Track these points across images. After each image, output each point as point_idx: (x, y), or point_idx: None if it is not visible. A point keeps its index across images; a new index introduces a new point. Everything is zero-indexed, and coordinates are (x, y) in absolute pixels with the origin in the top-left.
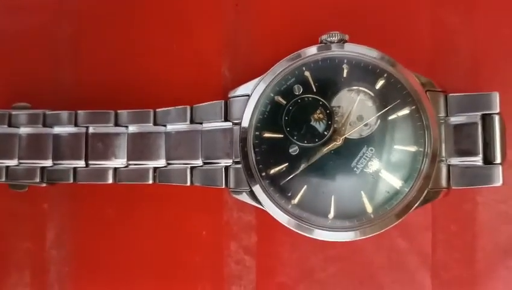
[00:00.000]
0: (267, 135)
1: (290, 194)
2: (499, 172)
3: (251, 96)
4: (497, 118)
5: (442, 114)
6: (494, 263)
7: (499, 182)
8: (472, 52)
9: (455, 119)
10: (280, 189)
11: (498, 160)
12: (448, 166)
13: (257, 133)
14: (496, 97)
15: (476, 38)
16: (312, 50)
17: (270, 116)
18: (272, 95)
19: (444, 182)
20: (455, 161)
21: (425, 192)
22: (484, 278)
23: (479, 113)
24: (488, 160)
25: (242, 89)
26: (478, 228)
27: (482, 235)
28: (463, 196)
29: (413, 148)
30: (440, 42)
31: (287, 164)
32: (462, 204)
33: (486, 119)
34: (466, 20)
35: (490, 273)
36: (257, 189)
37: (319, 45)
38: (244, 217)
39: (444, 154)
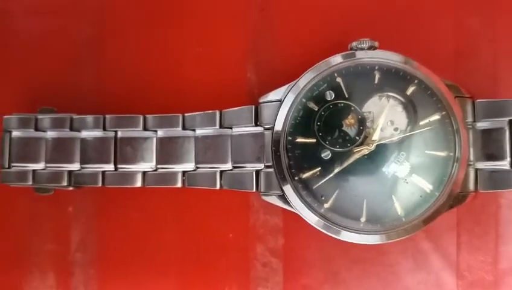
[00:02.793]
0: (299, 139)
1: (323, 198)
2: None
3: (283, 101)
4: None
5: (469, 119)
6: None
7: None
8: (494, 56)
9: (482, 125)
10: (313, 193)
11: None
12: (476, 170)
13: (290, 138)
14: None
15: (498, 42)
16: (343, 57)
17: (303, 121)
18: (304, 100)
19: (471, 186)
20: (482, 165)
21: (454, 196)
22: (507, 278)
23: (507, 119)
24: None
25: (273, 95)
26: (501, 230)
27: (505, 237)
28: (487, 199)
29: (443, 153)
30: (462, 46)
31: (319, 168)
32: (485, 206)
33: None
34: (488, 24)
35: None
36: (289, 192)
37: (349, 51)
38: (270, 219)
39: (472, 158)
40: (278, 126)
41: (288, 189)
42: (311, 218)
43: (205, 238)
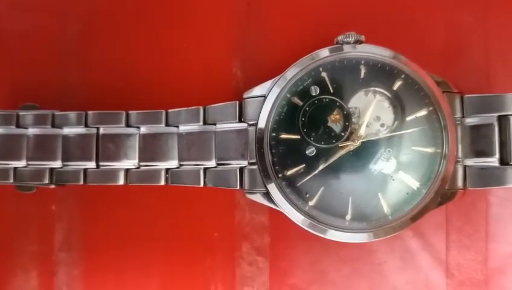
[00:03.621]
0: (283, 136)
1: (307, 195)
2: None
3: (267, 97)
4: None
5: (458, 115)
6: (507, 263)
7: None
8: (486, 52)
9: (471, 120)
10: (297, 190)
11: None
12: (465, 167)
13: (274, 134)
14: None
15: (490, 38)
16: (328, 51)
17: (287, 117)
18: (289, 96)
19: (460, 183)
20: (471, 161)
21: (442, 193)
22: (498, 278)
23: (495, 114)
24: (504, 161)
25: (257, 90)
26: (491, 228)
27: (495, 235)
28: (476, 196)
29: (431, 149)
30: (453, 42)
31: (304, 165)
32: (475, 204)
33: (502, 121)
34: (480, 20)
35: (504, 274)
36: (273, 190)
37: (335, 45)
38: (256, 218)
39: (460, 155)
40: (262, 122)
41: (272, 186)
42: (296, 217)
43: (190, 236)
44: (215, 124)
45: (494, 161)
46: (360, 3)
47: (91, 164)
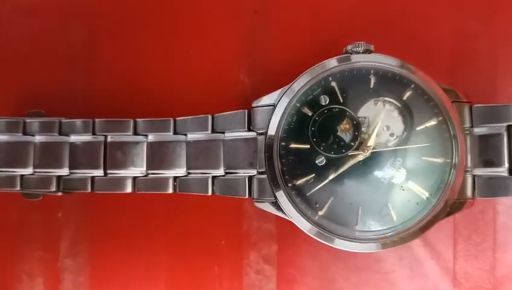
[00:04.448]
0: (293, 145)
1: (317, 205)
2: None
3: (276, 106)
4: None
5: (467, 125)
6: None
7: None
8: (493, 60)
9: (480, 130)
10: (307, 200)
11: None
12: (473, 176)
13: (283, 143)
14: None
15: (497, 46)
16: (337, 61)
17: (296, 126)
18: (298, 105)
19: (469, 193)
20: (480, 171)
21: (451, 203)
22: (505, 287)
23: (504, 124)
24: None
25: (266, 99)
26: (499, 237)
27: (503, 244)
28: (484, 205)
29: (440, 160)
30: (460, 50)
31: (313, 175)
32: (483, 213)
33: (511, 130)
34: (487, 28)
35: (511, 282)
36: (283, 199)
37: (344, 55)
38: (264, 226)
39: (469, 164)
40: (271, 131)
41: (281, 196)
42: (305, 225)
43: (197, 244)
44: (223, 133)
45: (503, 170)
46: (368, 12)
47: (99, 172)
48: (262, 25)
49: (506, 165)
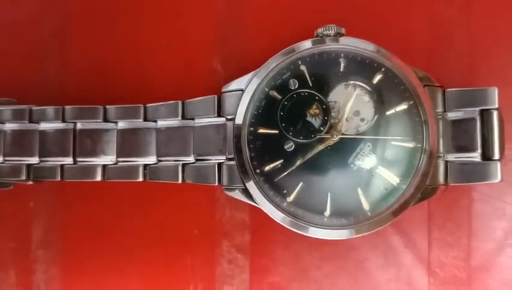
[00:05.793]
0: (261, 130)
1: (285, 191)
2: (497, 168)
3: (245, 91)
4: (495, 114)
5: (440, 109)
6: (490, 261)
7: (497, 178)
8: (470, 46)
9: (453, 115)
10: (275, 186)
11: (496, 156)
12: (446, 162)
13: (251, 129)
14: (494, 92)
15: (474, 32)
16: (308, 44)
17: (265, 111)
18: (267, 89)
19: (441, 179)
20: (453, 157)
21: (423, 189)
22: (480, 275)
23: (477, 109)
24: (487, 156)
25: (235, 84)
26: (474, 225)
27: (478, 233)
28: (459, 193)
29: (411, 144)
30: (437, 36)
31: (282, 161)
32: (458, 201)
33: (485, 115)
34: (464, 13)
35: (487, 272)
36: (251, 186)
37: (314, 38)
38: (237, 215)
39: (441, 150)
40: (239, 117)
41: (250, 182)
42: (275, 214)
43: (169, 234)
44: (193, 119)
45: (476, 156)
46: None
47: (68, 160)
48: (235, 11)
49: (479, 150)
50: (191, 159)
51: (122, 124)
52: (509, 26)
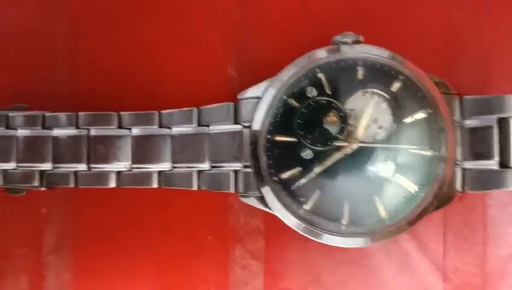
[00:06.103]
0: (279, 138)
1: (302, 199)
2: None
3: (262, 98)
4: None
5: (457, 117)
6: (505, 267)
7: None
8: (484, 53)
9: (470, 122)
10: (292, 193)
11: None
12: (463, 170)
13: (269, 136)
14: (511, 100)
15: (488, 39)
16: (325, 51)
17: (283, 119)
18: (285, 97)
19: (458, 186)
20: (470, 164)
21: (440, 196)
22: (495, 281)
23: (495, 116)
24: (504, 164)
25: (251, 91)
26: (489, 231)
27: (493, 239)
28: (474, 199)
29: (429, 152)
30: (451, 43)
31: (299, 168)
32: (473, 207)
33: (502, 123)
34: (480, 20)
35: (501, 278)
36: (268, 193)
37: (332, 46)
38: (251, 221)
39: (459, 157)
40: (257, 124)
41: (266, 190)
42: (291, 221)
43: (183, 240)
44: (208, 126)
45: (493, 163)
46: (359, 4)
47: (82, 166)
48: (250, 17)
49: (497, 158)
50: (206, 166)
51: (136, 131)
52: None
